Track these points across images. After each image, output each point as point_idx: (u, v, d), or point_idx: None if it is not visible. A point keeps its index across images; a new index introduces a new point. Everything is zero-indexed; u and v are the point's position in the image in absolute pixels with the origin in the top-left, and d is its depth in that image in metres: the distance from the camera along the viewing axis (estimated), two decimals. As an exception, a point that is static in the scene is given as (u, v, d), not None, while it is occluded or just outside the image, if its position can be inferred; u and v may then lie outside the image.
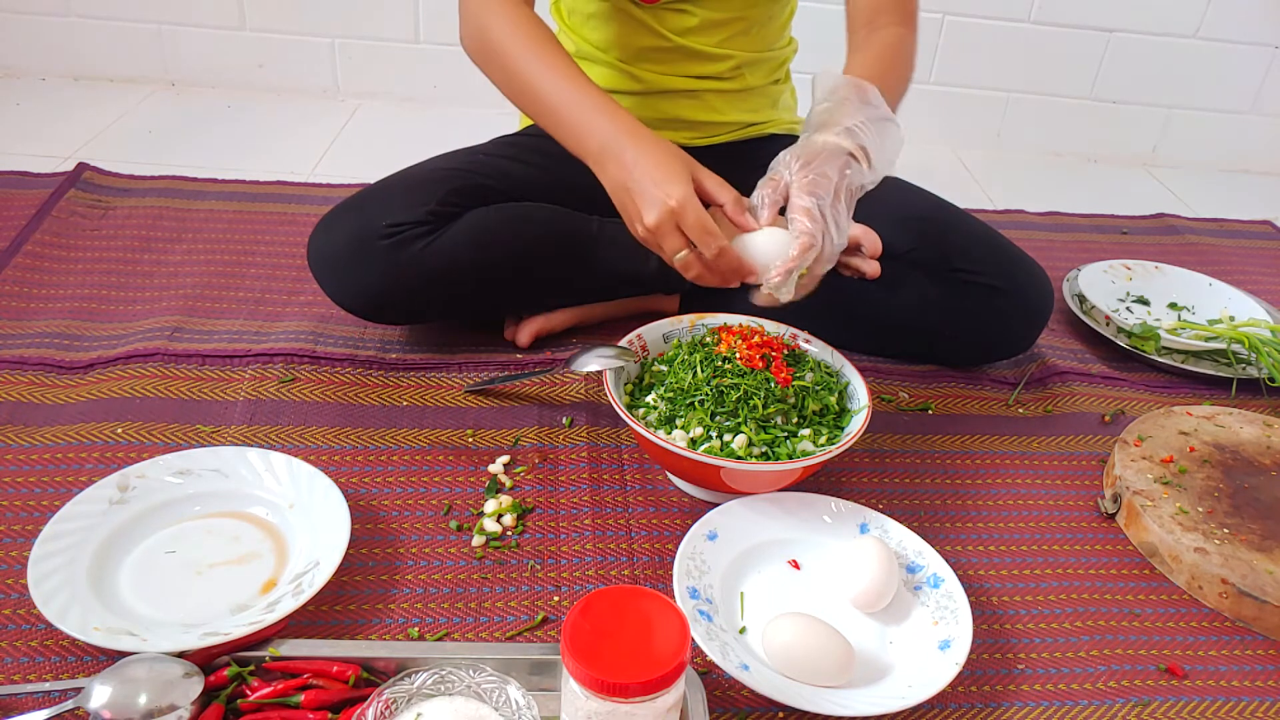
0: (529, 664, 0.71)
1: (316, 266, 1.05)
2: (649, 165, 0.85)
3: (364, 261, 1.02)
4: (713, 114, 1.17)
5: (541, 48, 0.94)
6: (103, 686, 0.66)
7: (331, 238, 1.04)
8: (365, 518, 0.89)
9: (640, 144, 0.87)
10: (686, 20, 1.09)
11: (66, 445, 0.93)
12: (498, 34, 0.95)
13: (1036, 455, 1.06)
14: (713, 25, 1.10)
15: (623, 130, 0.88)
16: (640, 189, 0.84)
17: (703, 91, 1.15)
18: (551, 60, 0.93)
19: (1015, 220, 1.63)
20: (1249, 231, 1.68)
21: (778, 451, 0.86)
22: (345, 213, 1.04)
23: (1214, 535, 0.91)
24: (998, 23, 1.85)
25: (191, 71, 1.86)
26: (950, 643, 0.76)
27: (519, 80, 0.95)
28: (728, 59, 1.13)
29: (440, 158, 1.12)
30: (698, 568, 0.80)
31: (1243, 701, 0.79)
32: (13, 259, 1.23)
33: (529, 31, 0.95)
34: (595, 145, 0.89)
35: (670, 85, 1.14)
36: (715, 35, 1.11)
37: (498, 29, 0.95)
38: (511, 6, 0.96)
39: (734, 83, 1.16)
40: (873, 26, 1.02)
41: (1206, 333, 1.23)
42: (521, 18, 0.96)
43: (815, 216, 0.82)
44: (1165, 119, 1.97)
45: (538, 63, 0.93)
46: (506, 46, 0.95)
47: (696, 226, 0.83)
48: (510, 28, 0.95)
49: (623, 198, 0.87)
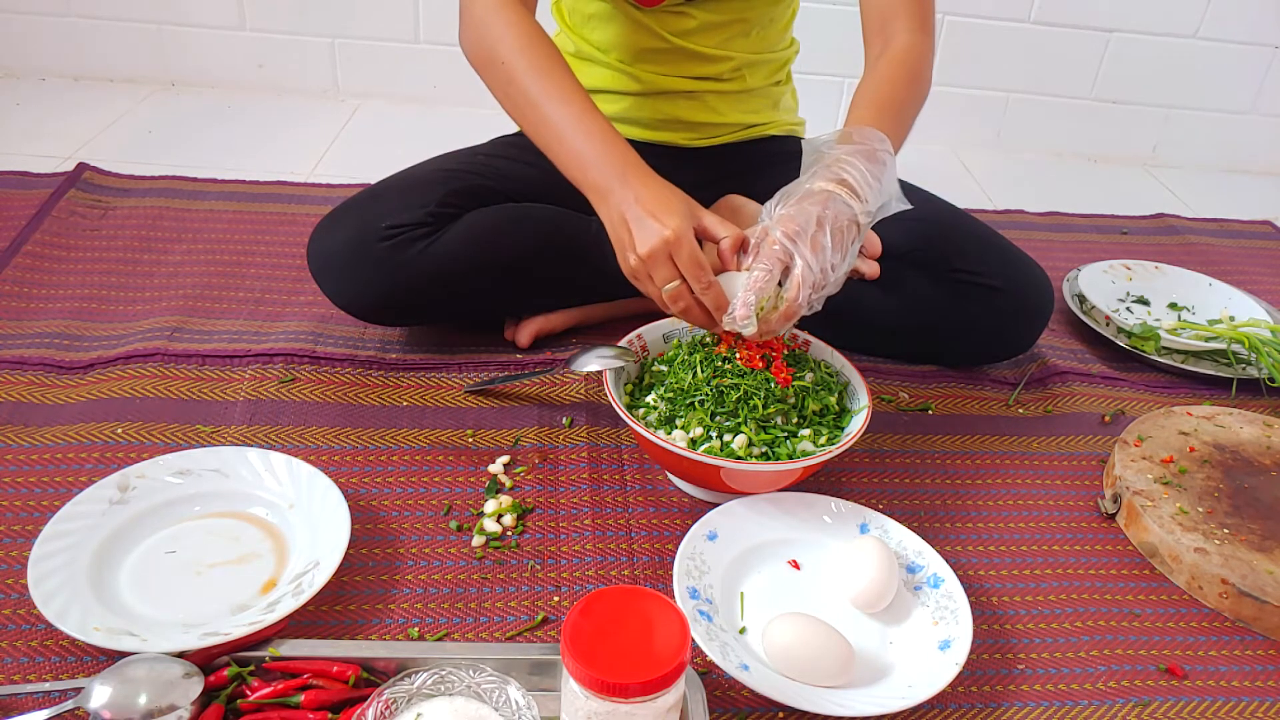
0: (529, 664, 0.71)
1: (316, 268, 1.05)
2: (649, 198, 0.85)
3: (363, 263, 1.02)
4: (712, 115, 1.17)
5: (551, 68, 0.93)
6: (103, 686, 0.66)
7: (331, 240, 1.04)
8: (365, 518, 0.89)
9: (643, 180, 0.87)
10: (686, 22, 1.09)
11: (66, 445, 0.93)
12: (505, 48, 0.94)
13: (1036, 455, 1.06)
14: (712, 27, 1.10)
15: (628, 165, 0.88)
16: (638, 219, 0.84)
17: (702, 92, 1.15)
18: (560, 83, 0.92)
19: (1015, 220, 1.63)
20: (1249, 231, 1.68)
21: (778, 451, 0.86)
22: (344, 215, 1.04)
23: (1214, 535, 0.91)
24: (998, 23, 1.85)
25: (191, 71, 1.86)
26: (950, 643, 0.76)
27: (524, 97, 0.93)
28: (727, 60, 1.13)
29: (439, 158, 1.12)
30: (698, 568, 0.80)
31: (1243, 701, 0.79)
32: (13, 259, 1.23)
33: (537, 47, 0.93)
34: (596, 177, 0.88)
35: (670, 86, 1.14)
36: (715, 37, 1.11)
37: (505, 42, 0.94)
38: (518, 18, 0.95)
39: (734, 84, 1.16)
40: (886, 34, 1.00)
41: (1206, 333, 1.23)
42: (530, 32, 0.94)
43: (776, 252, 0.81)
44: (1165, 119, 1.97)
45: (546, 82, 0.92)
46: (514, 61, 0.93)
47: (689, 259, 0.83)
48: (518, 42, 0.93)
49: (619, 229, 0.86)
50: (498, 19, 0.95)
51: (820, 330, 1.01)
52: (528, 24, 0.95)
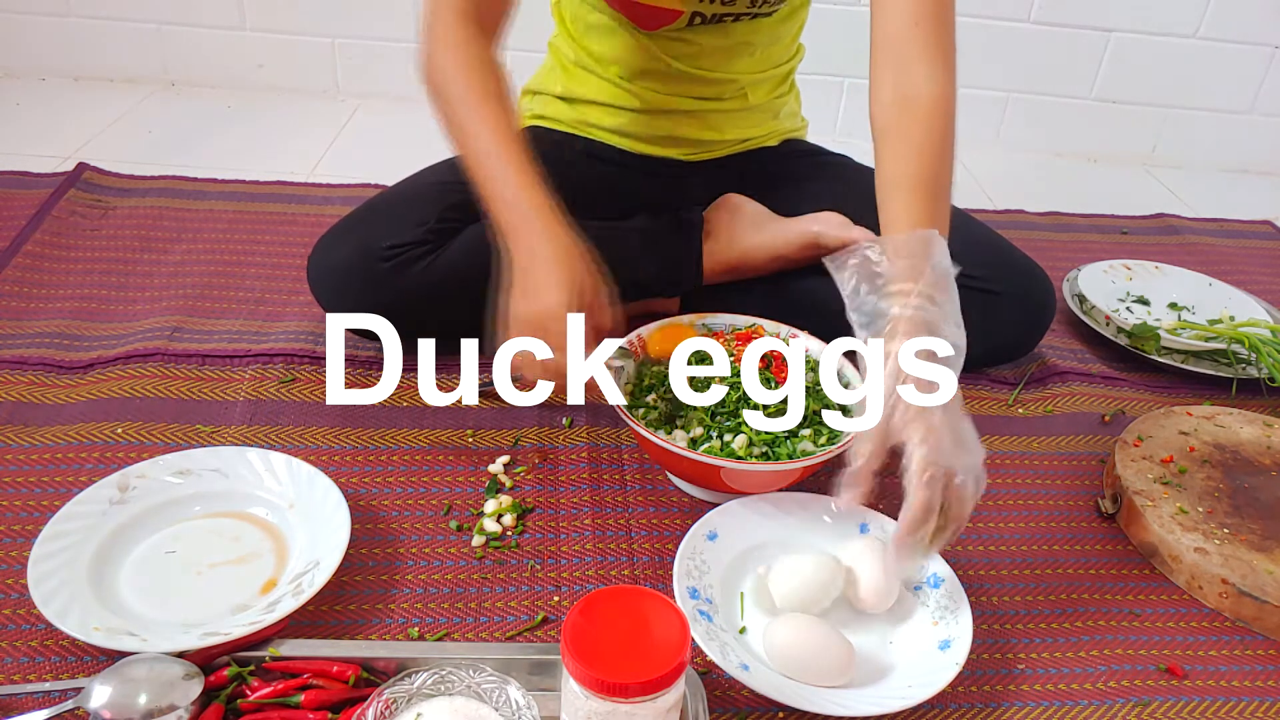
0: (529, 664, 0.71)
1: (317, 288, 1.05)
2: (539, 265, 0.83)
3: (366, 284, 1.01)
4: (713, 133, 1.16)
5: (483, 101, 0.89)
6: (103, 686, 0.66)
7: (331, 260, 1.03)
8: (365, 518, 0.89)
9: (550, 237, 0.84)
10: (688, 47, 1.08)
11: (66, 445, 0.93)
12: (444, 76, 0.91)
13: (1036, 455, 1.06)
14: (716, 50, 1.09)
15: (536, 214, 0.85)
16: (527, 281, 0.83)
17: (704, 112, 1.14)
18: (491, 116, 0.88)
19: (1015, 220, 1.63)
20: (1249, 231, 1.68)
21: (778, 451, 0.86)
22: (344, 233, 1.04)
23: (1214, 535, 0.91)
24: (998, 23, 1.85)
25: (191, 71, 1.86)
26: (950, 643, 0.76)
27: (456, 129, 0.90)
28: (731, 82, 1.12)
29: (434, 169, 1.11)
30: (698, 568, 0.80)
31: (1243, 701, 0.79)
32: (13, 259, 1.23)
33: (474, 79, 0.90)
34: (508, 220, 0.86)
35: (671, 105, 1.13)
36: (718, 59, 1.10)
37: (447, 69, 0.90)
38: (464, 45, 0.90)
39: (736, 102, 1.15)
40: (901, 73, 0.87)
41: (1206, 333, 1.23)
42: (472, 61, 0.90)
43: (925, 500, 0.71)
44: (1165, 119, 1.97)
45: (476, 115, 0.88)
46: (450, 91, 0.90)
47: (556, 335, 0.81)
48: (456, 70, 0.90)
49: (516, 276, 0.85)
50: (445, 44, 0.91)
51: (820, 330, 1.01)
52: (473, 53, 0.91)
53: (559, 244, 0.84)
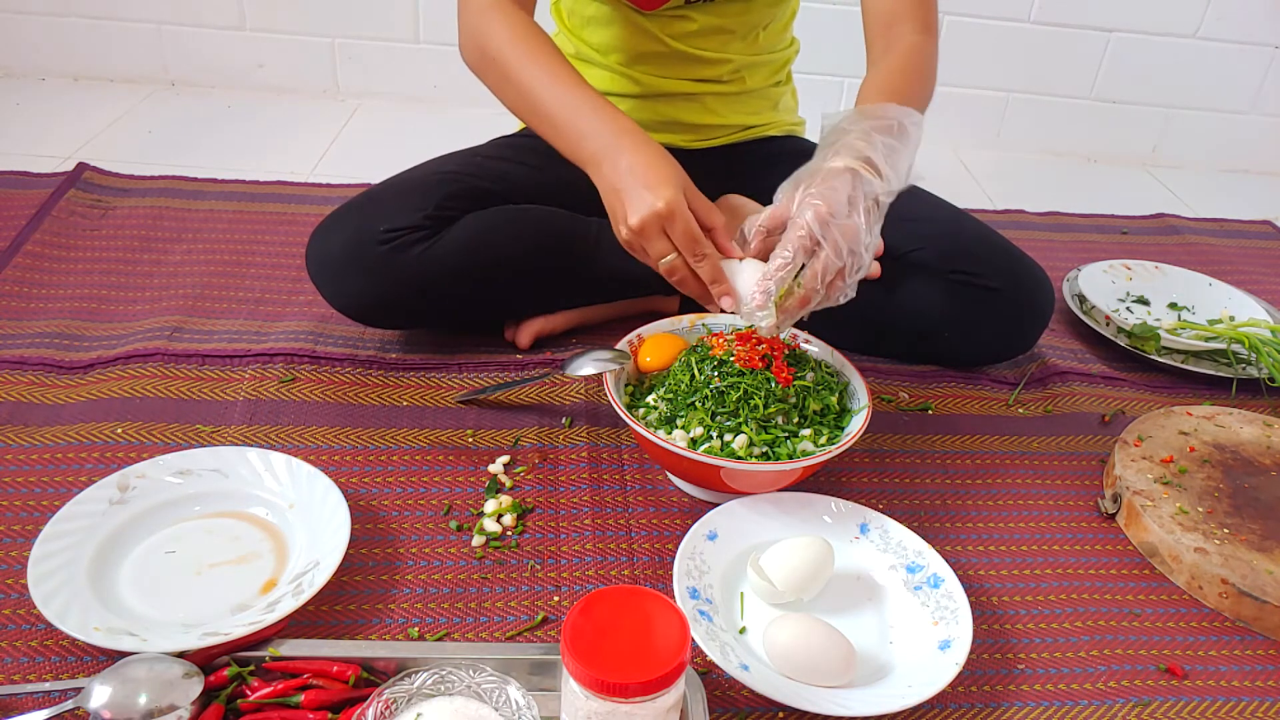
0: (529, 664, 0.71)
1: (315, 272, 1.05)
2: (641, 168, 0.84)
3: (362, 267, 1.02)
4: (712, 116, 1.17)
5: (540, 54, 0.93)
6: (103, 686, 0.66)
7: (329, 243, 1.04)
8: (365, 518, 0.89)
9: (636, 147, 0.86)
10: (686, 25, 1.09)
11: (66, 445, 0.93)
12: (496, 41, 0.94)
13: (1036, 455, 1.06)
14: (712, 30, 1.10)
15: (620, 132, 0.87)
16: (629, 190, 0.84)
17: (702, 94, 1.15)
18: (549, 66, 0.92)
19: (1015, 220, 1.63)
20: (1249, 231, 1.68)
21: (778, 451, 0.86)
22: (342, 218, 1.04)
23: (1214, 535, 0.91)
24: (998, 23, 1.85)
25: (191, 71, 1.86)
26: (950, 643, 0.76)
27: (516, 86, 0.94)
28: (727, 63, 1.13)
29: (437, 160, 1.12)
30: (698, 568, 0.80)
31: (1243, 701, 0.79)
32: (13, 259, 1.23)
33: (527, 38, 0.94)
34: (590, 148, 0.88)
35: (669, 88, 1.14)
36: (715, 39, 1.11)
37: (496, 37, 0.94)
38: (510, 14, 0.95)
39: (733, 85, 1.16)
40: (890, 36, 0.99)
41: (1206, 333, 1.23)
42: (520, 25, 0.95)
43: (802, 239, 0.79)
44: (1165, 119, 1.97)
45: (535, 68, 0.92)
46: (505, 53, 0.94)
47: (683, 232, 0.82)
48: (508, 34, 0.94)
49: (612, 199, 0.86)
50: (488, 18, 0.95)
51: (820, 330, 1.01)
52: (519, 19, 0.95)
53: (649, 150, 0.86)
